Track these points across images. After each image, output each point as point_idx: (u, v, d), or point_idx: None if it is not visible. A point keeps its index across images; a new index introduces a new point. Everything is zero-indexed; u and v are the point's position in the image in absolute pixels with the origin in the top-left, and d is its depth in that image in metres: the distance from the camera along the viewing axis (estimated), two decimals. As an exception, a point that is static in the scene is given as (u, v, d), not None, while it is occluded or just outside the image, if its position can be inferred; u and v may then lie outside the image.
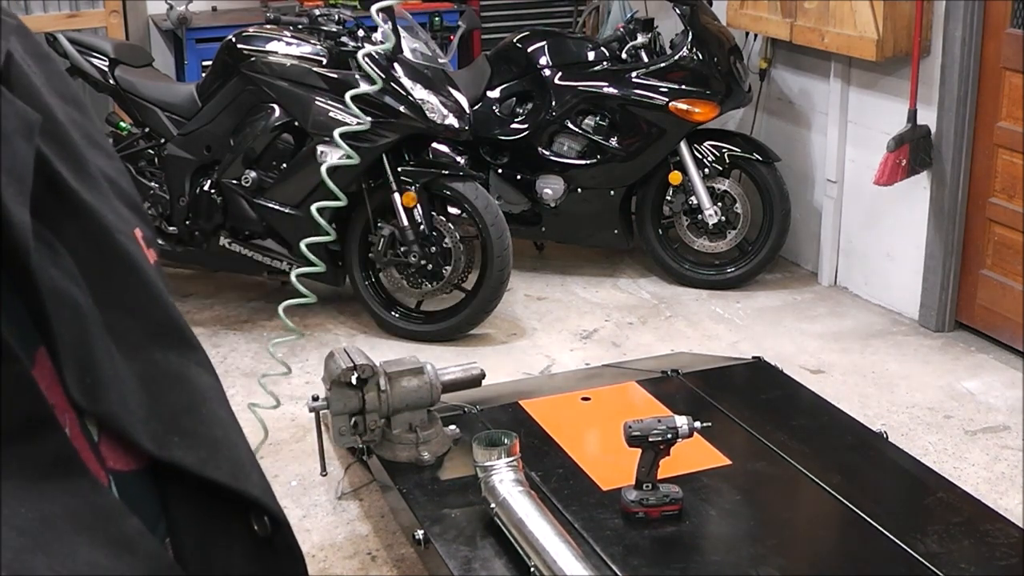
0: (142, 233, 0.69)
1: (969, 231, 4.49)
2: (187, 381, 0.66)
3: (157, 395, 0.63)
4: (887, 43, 4.42)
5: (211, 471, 0.63)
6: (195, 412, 0.65)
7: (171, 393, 0.64)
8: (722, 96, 4.86)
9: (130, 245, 0.65)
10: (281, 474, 3.53)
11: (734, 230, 4.97)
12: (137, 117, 4.67)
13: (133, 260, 0.64)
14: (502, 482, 2.55)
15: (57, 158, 0.62)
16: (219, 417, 0.67)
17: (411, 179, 4.35)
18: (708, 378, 3.44)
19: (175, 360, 0.65)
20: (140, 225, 0.69)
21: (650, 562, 2.48)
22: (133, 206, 0.70)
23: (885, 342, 4.50)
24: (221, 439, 0.66)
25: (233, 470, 0.65)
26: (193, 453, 0.63)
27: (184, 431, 0.63)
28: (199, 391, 0.66)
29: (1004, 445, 3.69)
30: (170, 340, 0.66)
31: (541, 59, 5.02)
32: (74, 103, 0.71)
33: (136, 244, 0.66)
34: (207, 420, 0.65)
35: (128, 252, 0.64)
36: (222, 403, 0.68)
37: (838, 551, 2.66)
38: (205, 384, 0.67)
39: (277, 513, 0.68)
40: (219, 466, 0.64)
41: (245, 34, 4.55)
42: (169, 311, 0.67)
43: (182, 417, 0.64)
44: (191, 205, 4.54)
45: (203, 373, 0.68)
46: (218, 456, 0.65)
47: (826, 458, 2.93)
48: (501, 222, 4.37)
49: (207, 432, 0.65)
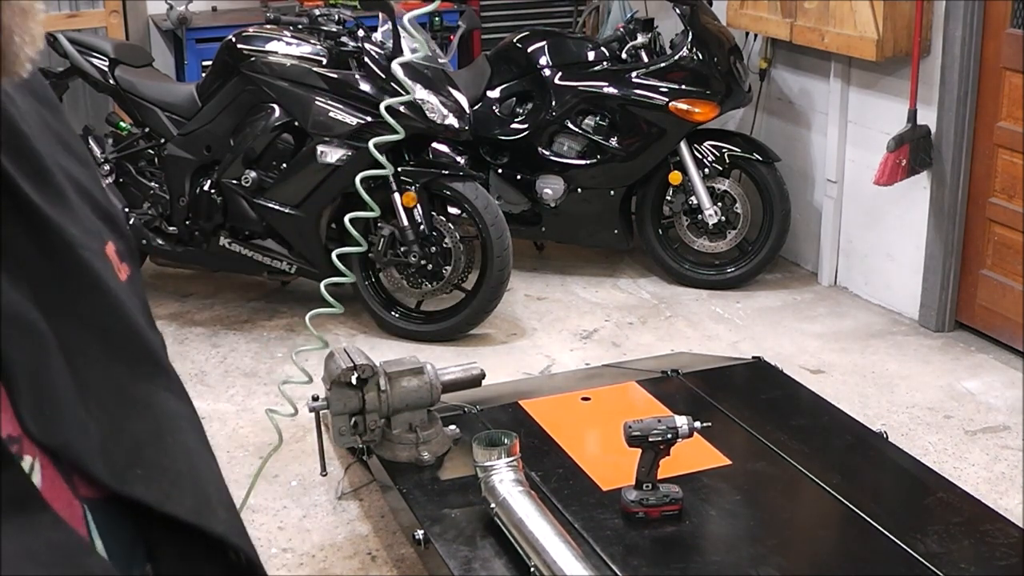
0: (115, 247, 0.66)
1: (969, 231, 4.49)
2: (153, 408, 0.62)
3: (120, 422, 0.60)
4: (887, 43, 4.42)
5: (172, 507, 0.61)
6: (160, 442, 0.62)
7: (135, 421, 0.61)
8: (722, 96, 4.86)
9: (95, 261, 0.62)
10: (281, 474, 3.53)
11: (734, 230, 4.97)
12: (137, 117, 4.67)
13: (96, 277, 0.61)
14: (502, 482, 2.55)
15: (19, 172, 0.59)
16: (185, 447, 0.64)
17: (411, 179, 4.35)
18: (708, 378, 3.44)
19: (142, 385, 0.62)
20: (112, 238, 0.66)
21: (650, 562, 2.48)
22: (106, 217, 0.67)
23: (885, 342, 4.50)
24: (185, 472, 0.63)
25: (196, 505, 0.62)
26: (155, 487, 0.60)
27: (146, 463, 0.60)
28: (166, 418, 0.63)
29: (1004, 445, 3.69)
30: (136, 362, 0.62)
31: (541, 59, 5.02)
32: (49, 105, 0.68)
33: (104, 260, 0.63)
34: (171, 451, 0.62)
35: (92, 268, 0.61)
36: (191, 431, 0.65)
37: (838, 551, 2.66)
38: (173, 411, 0.64)
39: (243, 549, 0.66)
40: (182, 501, 0.61)
41: (245, 34, 4.55)
42: (137, 330, 0.63)
43: (145, 448, 0.61)
44: (191, 205, 4.54)
45: (172, 399, 0.64)
46: (181, 490, 0.62)
47: (826, 458, 2.93)
48: (501, 222, 4.37)
49: (170, 464, 0.62)
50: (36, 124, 0.64)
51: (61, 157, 0.65)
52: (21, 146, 0.61)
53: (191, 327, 4.64)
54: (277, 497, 3.42)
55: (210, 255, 4.63)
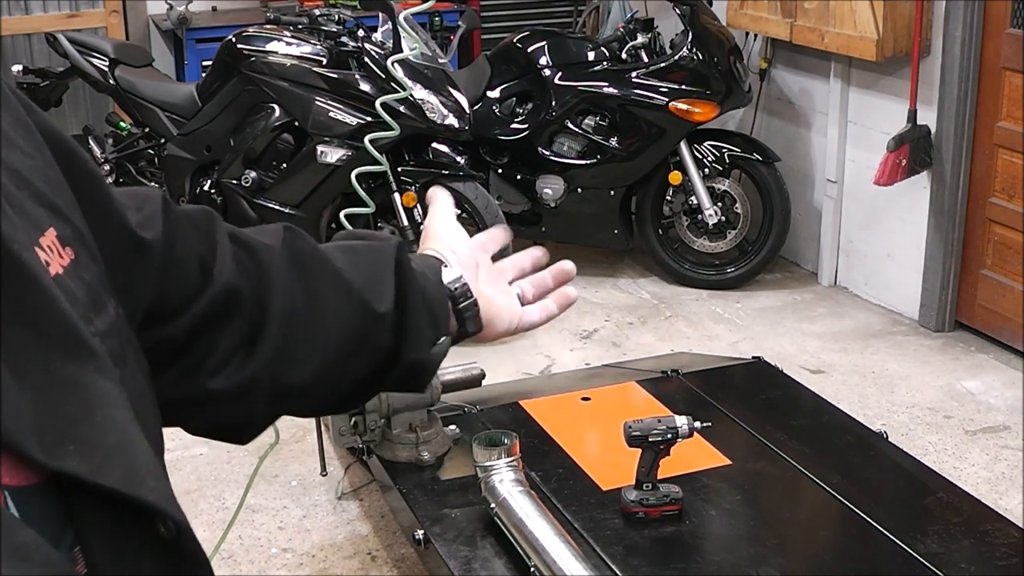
0: (56, 232, 0.67)
1: (969, 231, 4.49)
2: (82, 388, 0.64)
3: (51, 405, 0.62)
4: (887, 43, 4.42)
5: (102, 478, 0.62)
6: (89, 419, 0.64)
7: (65, 402, 0.63)
8: (722, 96, 4.86)
9: (23, 254, 0.63)
10: (281, 474, 3.53)
11: (734, 230, 4.97)
12: (137, 117, 4.67)
13: (28, 270, 0.63)
14: (502, 482, 2.55)
15: None
16: (115, 423, 0.66)
17: (411, 179, 4.35)
18: (708, 378, 3.44)
19: (71, 368, 0.64)
20: (55, 223, 0.68)
21: (650, 562, 2.48)
22: (47, 204, 0.68)
23: (885, 342, 4.50)
24: (115, 445, 0.65)
25: (127, 476, 0.64)
26: (86, 461, 0.62)
27: (78, 439, 0.62)
28: (95, 397, 0.65)
29: (1004, 445, 3.69)
30: (65, 348, 0.64)
31: (541, 59, 5.02)
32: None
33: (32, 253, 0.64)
34: (101, 426, 0.64)
35: (22, 262, 0.63)
36: (120, 408, 0.67)
37: (838, 551, 2.66)
38: (101, 389, 0.66)
39: (175, 516, 0.67)
40: (111, 473, 0.63)
41: (245, 34, 4.55)
42: (65, 318, 0.65)
43: (76, 425, 0.63)
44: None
45: (99, 379, 0.66)
46: (112, 463, 0.64)
47: (826, 458, 2.93)
48: (501, 222, 4.37)
49: (100, 438, 0.64)
50: None
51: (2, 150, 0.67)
52: None
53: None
54: (277, 497, 3.42)
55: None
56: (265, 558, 3.15)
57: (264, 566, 3.12)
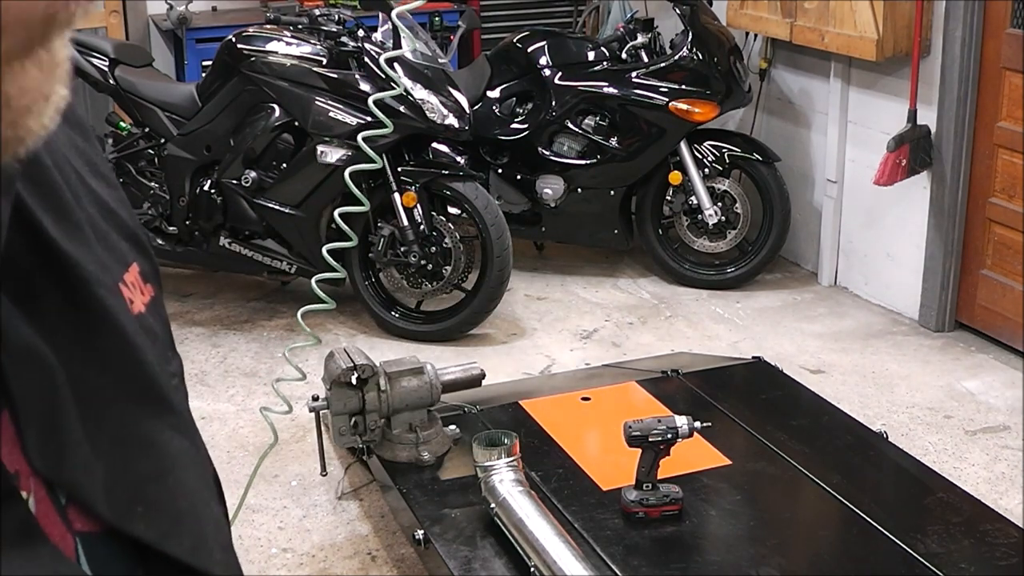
0: (139, 268, 0.66)
1: (969, 231, 4.49)
2: (158, 447, 0.63)
3: (124, 461, 0.60)
4: (887, 43, 4.42)
5: (170, 547, 0.61)
6: (162, 481, 0.63)
7: (139, 460, 0.61)
8: (722, 96, 4.86)
9: (109, 298, 0.61)
10: (281, 474, 3.53)
11: (734, 230, 4.97)
12: (137, 117, 4.67)
13: (111, 316, 0.61)
14: (502, 482, 2.55)
15: (39, 205, 0.58)
16: (186, 487, 0.65)
17: (411, 179, 4.35)
18: (708, 378, 3.44)
19: (147, 423, 0.63)
20: (139, 259, 0.66)
21: (650, 562, 2.48)
22: (131, 237, 0.67)
23: (885, 342, 4.50)
24: (185, 510, 0.64)
25: (194, 546, 0.63)
26: (155, 526, 0.61)
27: (148, 501, 0.61)
28: (169, 457, 0.64)
29: (1004, 445, 3.69)
30: (144, 401, 0.63)
31: (541, 59, 5.02)
32: (78, 127, 0.67)
33: (117, 296, 0.62)
34: (172, 490, 0.63)
35: (106, 307, 0.61)
36: (193, 469, 0.66)
37: (838, 551, 2.66)
38: (176, 450, 0.65)
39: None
40: (180, 541, 0.62)
41: (245, 34, 4.55)
42: (146, 370, 0.63)
43: (148, 485, 0.61)
44: (191, 205, 4.54)
45: (176, 437, 0.65)
46: (180, 529, 0.63)
47: (826, 458, 2.93)
48: (501, 222, 4.37)
49: (170, 503, 0.63)
50: (64, 148, 0.63)
51: (91, 180, 0.65)
52: (42, 177, 0.60)
53: (191, 327, 4.64)
54: (277, 497, 3.42)
55: (210, 255, 4.63)
56: (265, 558, 3.15)
57: (264, 566, 3.12)
